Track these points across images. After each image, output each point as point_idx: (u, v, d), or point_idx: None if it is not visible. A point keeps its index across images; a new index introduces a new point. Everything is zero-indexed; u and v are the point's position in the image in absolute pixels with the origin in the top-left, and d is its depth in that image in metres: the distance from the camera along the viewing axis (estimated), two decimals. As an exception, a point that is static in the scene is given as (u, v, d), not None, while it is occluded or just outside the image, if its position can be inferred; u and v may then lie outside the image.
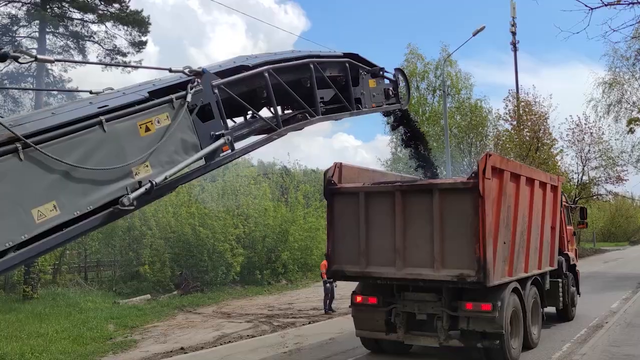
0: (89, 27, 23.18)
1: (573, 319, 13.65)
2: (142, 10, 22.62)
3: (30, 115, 5.23)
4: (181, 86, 5.86)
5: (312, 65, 7.86)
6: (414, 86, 36.44)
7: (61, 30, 22.76)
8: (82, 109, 5.06)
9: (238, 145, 6.64)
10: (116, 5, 22.32)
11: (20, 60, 4.53)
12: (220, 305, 18.16)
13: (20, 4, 22.17)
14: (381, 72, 9.63)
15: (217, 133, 6.06)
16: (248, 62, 7.02)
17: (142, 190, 5.14)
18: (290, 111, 8.02)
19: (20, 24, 22.49)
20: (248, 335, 12.92)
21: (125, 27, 22.88)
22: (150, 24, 22.95)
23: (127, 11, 22.36)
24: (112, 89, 5.86)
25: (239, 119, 7.38)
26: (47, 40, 22.56)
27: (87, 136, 4.79)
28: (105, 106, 5.12)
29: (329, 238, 9.93)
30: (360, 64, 9.15)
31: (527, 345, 10.12)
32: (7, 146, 4.22)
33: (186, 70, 6.05)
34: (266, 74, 6.97)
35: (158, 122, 5.42)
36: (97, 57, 23.77)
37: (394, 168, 37.08)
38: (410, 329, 9.43)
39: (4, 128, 4.28)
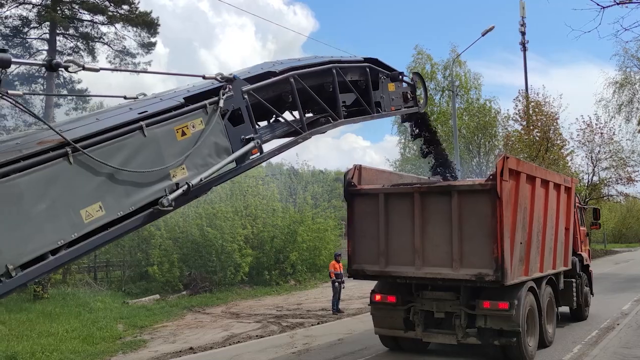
0: (98, 29, 23.36)
1: (586, 319, 13.62)
2: (151, 12, 22.76)
3: (75, 120, 5.43)
4: (213, 92, 6.07)
5: (334, 71, 8.08)
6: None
7: (71, 31, 22.92)
8: (123, 114, 5.27)
9: (264, 148, 6.82)
10: (125, 7, 22.45)
11: (70, 69, 4.71)
12: (229, 305, 18.17)
13: (31, 5, 22.37)
14: (400, 77, 9.80)
15: (247, 137, 6.29)
16: (274, 68, 7.22)
17: (179, 191, 5.35)
18: (311, 115, 8.16)
19: (31, 25, 22.67)
20: (257, 336, 12.91)
21: (135, 29, 23.01)
22: (159, 25, 23.10)
23: (137, 13, 22.47)
24: (145, 94, 6.09)
25: (262, 123, 7.52)
26: (58, 42, 22.72)
27: (129, 140, 5.01)
28: (145, 112, 5.33)
29: (349, 238, 10.19)
30: (380, 69, 9.36)
31: (543, 343, 10.28)
32: (58, 150, 4.45)
33: (218, 77, 6.25)
34: (292, 80, 7.20)
35: (193, 126, 5.64)
36: (106, 58, 23.95)
37: (403, 169, 37.00)
38: (428, 327, 9.68)
39: (54, 133, 4.49)
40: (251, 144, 6.29)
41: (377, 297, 10.05)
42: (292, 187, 29.05)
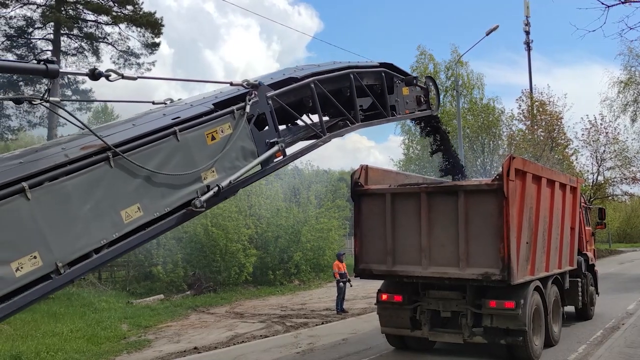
0: (102, 29, 23.40)
1: (591, 319, 13.61)
2: (155, 12, 22.79)
3: (112, 126, 5.64)
4: (240, 98, 6.34)
5: (352, 76, 8.32)
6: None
7: (75, 32, 22.97)
8: (158, 120, 5.54)
9: (286, 151, 7.06)
10: (129, 7, 22.48)
11: (110, 78, 4.93)
12: (233, 305, 18.18)
13: (36, 6, 22.42)
14: (415, 81, 10.04)
15: (271, 140, 6.57)
16: (296, 74, 7.46)
17: (210, 193, 5.59)
18: (327, 118, 8.32)
19: (36, 25, 22.73)
20: (261, 336, 12.90)
21: (139, 29, 23.04)
22: (163, 25, 23.11)
23: (141, 13, 22.51)
24: (171, 100, 6.38)
25: (281, 127, 7.69)
26: (62, 42, 22.78)
27: (164, 145, 5.28)
28: (178, 117, 5.60)
29: (356, 238, 10.25)
30: (395, 73, 9.61)
31: (549, 342, 10.29)
32: (100, 155, 4.72)
33: (244, 84, 6.50)
34: (312, 85, 7.45)
35: (222, 131, 5.92)
36: (110, 58, 24.02)
37: (407, 168, 36.96)
38: (434, 326, 9.74)
39: (95, 138, 4.79)
40: (275, 148, 6.56)
41: (384, 296, 10.09)
42: (295, 186, 29.01)
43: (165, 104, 6.33)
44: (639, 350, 10.28)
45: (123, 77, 5.11)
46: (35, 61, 4.33)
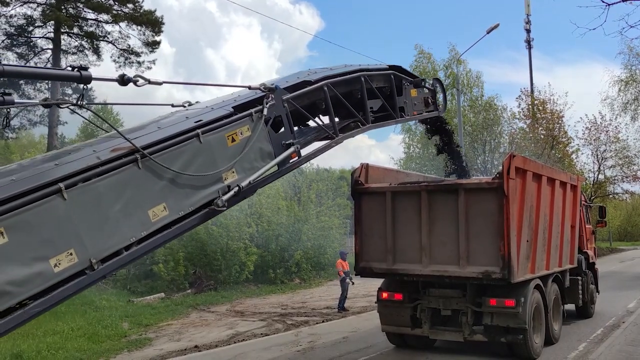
0: (103, 27, 23.41)
1: (592, 317, 13.62)
2: (155, 10, 22.80)
3: (138, 128, 5.81)
4: (257, 101, 6.58)
5: (362, 78, 8.55)
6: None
7: (76, 30, 22.98)
8: (181, 123, 5.76)
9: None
10: (130, 6, 22.49)
11: (138, 83, 5.15)
12: (234, 303, 18.18)
13: (36, 4, 22.42)
14: (423, 83, 10.27)
15: (287, 142, 6.81)
16: (309, 77, 7.70)
17: (231, 193, 5.84)
18: (337, 120, 8.43)
19: (36, 24, 22.74)
20: (262, 334, 12.91)
21: (139, 27, 23.05)
22: (163, 23, 23.15)
23: (141, 11, 22.52)
24: (190, 102, 6.60)
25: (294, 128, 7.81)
26: (62, 41, 22.78)
27: (187, 147, 5.51)
28: (200, 120, 5.82)
29: (356, 236, 10.29)
30: (404, 75, 9.82)
31: (549, 340, 10.30)
32: (129, 157, 4.95)
33: (262, 87, 6.74)
34: (325, 88, 7.66)
35: (241, 133, 6.16)
36: (110, 57, 24.02)
37: (407, 167, 36.94)
38: (435, 324, 9.76)
39: (123, 140, 5.01)
40: (292, 149, 6.77)
41: (384, 294, 10.11)
42: (296, 185, 28.99)
43: (184, 106, 6.49)
44: (639, 348, 10.29)
45: (150, 82, 5.26)
46: (69, 68, 4.57)
